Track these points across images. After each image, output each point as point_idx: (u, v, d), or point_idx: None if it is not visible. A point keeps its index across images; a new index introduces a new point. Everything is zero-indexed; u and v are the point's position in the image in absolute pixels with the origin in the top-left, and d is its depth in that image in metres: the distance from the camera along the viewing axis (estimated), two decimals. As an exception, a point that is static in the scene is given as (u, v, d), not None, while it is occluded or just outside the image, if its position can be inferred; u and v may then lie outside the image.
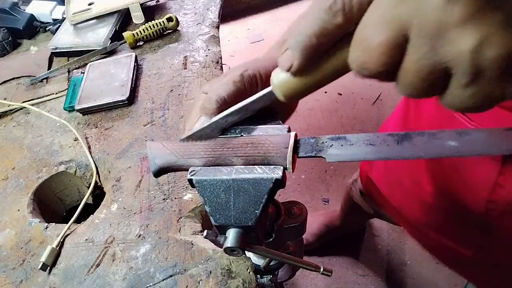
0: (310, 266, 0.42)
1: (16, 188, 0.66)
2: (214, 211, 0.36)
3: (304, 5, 2.53)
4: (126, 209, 0.59)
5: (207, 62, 0.81)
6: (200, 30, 0.90)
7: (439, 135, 0.33)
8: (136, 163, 0.65)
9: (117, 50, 0.88)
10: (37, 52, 0.95)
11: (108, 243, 0.56)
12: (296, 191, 1.60)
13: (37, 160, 0.70)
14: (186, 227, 0.56)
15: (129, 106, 0.75)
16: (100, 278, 0.52)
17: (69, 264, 0.55)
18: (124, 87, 0.76)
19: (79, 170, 0.68)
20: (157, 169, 0.40)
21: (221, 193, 0.36)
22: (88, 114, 0.76)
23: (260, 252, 0.39)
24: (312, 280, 1.37)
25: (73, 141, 0.71)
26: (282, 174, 0.35)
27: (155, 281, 0.51)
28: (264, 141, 0.37)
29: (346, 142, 0.36)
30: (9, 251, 0.58)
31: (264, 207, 0.35)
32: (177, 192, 0.60)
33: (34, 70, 0.89)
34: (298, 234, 0.52)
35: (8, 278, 0.55)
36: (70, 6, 0.94)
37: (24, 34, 0.98)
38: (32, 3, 1.03)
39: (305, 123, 1.83)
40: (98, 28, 0.91)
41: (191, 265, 0.51)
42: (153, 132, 0.70)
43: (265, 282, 0.55)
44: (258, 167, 0.36)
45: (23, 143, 0.73)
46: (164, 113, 0.73)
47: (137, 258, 0.53)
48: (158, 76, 0.81)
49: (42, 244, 0.57)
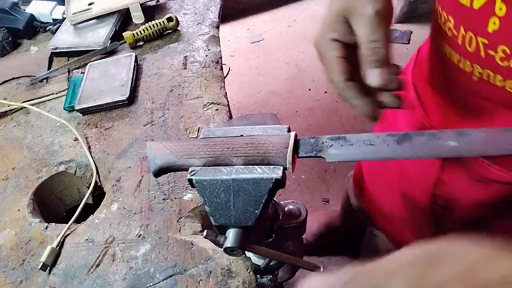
0: (310, 266, 0.42)
1: (16, 188, 0.66)
2: (214, 211, 0.36)
3: (304, 5, 2.53)
4: (126, 209, 0.59)
5: (207, 62, 0.81)
6: (200, 30, 0.90)
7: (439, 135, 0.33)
8: (136, 163, 0.65)
9: (117, 50, 0.88)
10: (37, 52, 0.95)
11: (108, 243, 0.56)
12: (296, 191, 1.60)
13: (37, 160, 0.70)
14: (186, 227, 0.56)
15: (129, 106, 0.75)
16: (100, 278, 0.52)
17: (69, 264, 0.55)
18: (124, 87, 0.76)
19: (79, 170, 0.68)
20: (157, 169, 0.40)
21: (221, 193, 0.36)
22: (88, 114, 0.76)
23: (260, 252, 0.39)
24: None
25: (73, 141, 0.71)
26: (282, 174, 0.35)
27: (155, 281, 0.51)
28: (264, 141, 0.37)
29: (346, 142, 0.36)
30: (9, 251, 0.58)
31: (264, 207, 0.35)
32: (177, 192, 0.60)
33: (34, 70, 0.89)
34: (298, 234, 0.52)
35: (8, 278, 0.55)
36: (70, 6, 0.94)
37: (24, 34, 0.98)
38: (32, 3, 1.03)
39: (305, 123, 1.83)
40: (98, 28, 0.91)
41: (191, 265, 0.51)
42: (153, 132, 0.70)
43: (265, 282, 0.55)
44: (258, 167, 0.36)
45: (23, 143, 0.73)
46: (164, 113, 0.73)
47: (137, 258, 0.53)
48: (158, 76, 0.81)
49: (42, 244, 0.57)
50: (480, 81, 0.46)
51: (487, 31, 0.41)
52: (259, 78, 2.11)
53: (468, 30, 0.44)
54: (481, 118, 0.51)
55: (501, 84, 0.44)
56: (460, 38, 0.45)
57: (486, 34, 0.41)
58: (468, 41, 0.44)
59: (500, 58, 0.41)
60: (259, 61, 2.20)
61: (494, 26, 0.39)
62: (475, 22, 0.42)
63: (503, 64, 0.42)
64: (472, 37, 0.43)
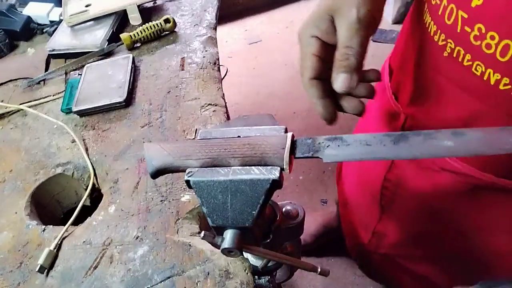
0: (307, 267, 0.42)
1: (14, 191, 0.66)
2: (212, 212, 0.36)
3: (301, 6, 2.53)
4: (124, 211, 0.59)
5: (205, 63, 0.81)
6: (198, 31, 0.90)
7: (434, 135, 0.33)
8: (134, 165, 0.65)
9: (114, 52, 0.88)
10: (34, 54, 0.95)
11: (105, 245, 0.56)
12: (294, 192, 1.60)
13: (34, 162, 0.69)
14: (183, 229, 0.56)
15: (127, 108, 0.75)
16: (98, 280, 0.52)
17: (67, 266, 0.54)
18: (121, 88, 0.76)
19: (77, 172, 0.68)
20: (154, 170, 0.40)
21: (218, 194, 0.36)
22: (85, 116, 0.76)
23: (257, 253, 0.39)
24: (311, 281, 1.37)
25: (71, 143, 0.71)
26: (279, 174, 0.35)
27: (153, 282, 0.50)
28: (261, 142, 0.37)
29: (343, 142, 0.36)
30: (7, 253, 0.58)
31: (261, 207, 0.35)
32: (175, 194, 0.60)
33: (31, 72, 0.89)
34: (296, 235, 0.52)
35: (6, 280, 0.54)
36: (67, 8, 0.94)
37: (21, 36, 0.98)
38: (29, 5, 1.03)
39: (303, 124, 1.83)
40: (95, 30, 0.91)
41: (189, 267, 0.51)
42: (151, 134, 0.70)
43: (263, 283, 0.55)
44: (255, 168, 0.36)
45: (21, 145, 0.73)
46: (161, 114, 0.73)
47: (135, 260, 0.53)
48: (155, 77, 0.81)
49: (39, 247, 0.57)
50: (449, 58, 0.46)
51: (470, 5, 0.40)
52: (257, 80, 2.11)
53: (450, 2, 0.43)
54: (443, 102, 0.51)
55: (468, 64, 0.44)
56: (441, 8, 0.45)
57: (468, 9, 0.41)
58: (449, 13, 0.44)
59: (474, 36, 0.41)
60: (257, 62, 2.20)
61: (477, 2, 0.39)
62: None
63: (475, 43, 0.41)
64: (453, 9, 0.43)
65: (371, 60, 1.63)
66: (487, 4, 0.39)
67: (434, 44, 0.48)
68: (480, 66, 0.42)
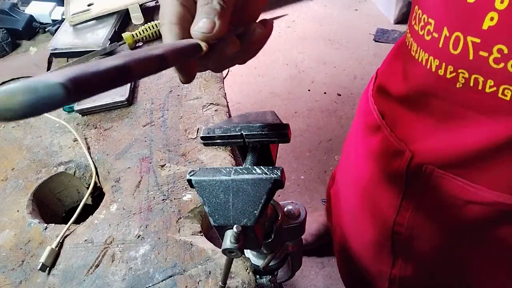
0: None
1: (16, 189, 0.66)
2: (213, 212, 0.36)
3: (303, 6, 2.53)
4: (126, 210, 0.59)
5: (206, 62, 0.81)
6: (199, 30, 0.90)
7: None
8: (136, 164, 0.65)
9: (116, 51, 0.88)
10: (37, 53, 0.95)
11: (107, 244, 0.56)
12: (295, 192, 1.60)
13: (36, 161, 0.70)
14: (185, 228, 0.56)
15: (129, 107, 0.75)
16: (99, 279, 0.52)
17: (69, 264, 0.55)
18: (123, 87, 0.76)
19: (79, 171, 0.68)
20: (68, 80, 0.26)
21: (220, 194, 0.36)
22: (87, 115, 0.76)
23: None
24: (312, 280, 1.37)
25: (73, 141, 0.71)
26: (281, 174, 0.35)
27: (155, 281, 0.51)
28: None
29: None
30: (8, 252, 0.58)
31: (263, 207, 0.35)
32: (177, 193, 0.60)
33: (34, 71, 0.89)
34: (297, 234, 0.52)
35: (8, 279, 0.55)
36: (70, 7, 0.94)
37: (24, 35, 0.98)
38: (32, 4, 1.03)
39: (304, 124, 1.83)
40: (98, 29, 0.91)
41: (190, 266, 0.51)
42: (153, 133, 0.70)
43: (264, 282, 0.55)
44: (257, 167, 0.36)
45: (23, 144, 0.73)
46: (163, 113, 0.73)
47: (136, 258, 0.53)
48: (157, 76, 0.81)
49: (41, 245, 0.57)
50: (465, 89, 0.43)
51: (480, 28, 0.37)
52: (259, 79, 2.11)
53: (454, 30, 0.40)
54: (456, 128, 0.47)
55: (491, 90, 0.40)
56: (442, 40, 0.42)
57: (479, 32, 0.38)
58: (453, 43, 0.41)
59: (494, 59, 0.38)
60: (258, 62, 2.20)
61: (491, 22, 0.36)
62: (467, 19, 0.39)
63: (497, 66, 0.38)
64: (459, 37, 0.40)
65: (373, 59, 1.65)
66: (503, 22, 0.36)
67: (441, 78, 0.44)
68: (508, 89, 0.39)
